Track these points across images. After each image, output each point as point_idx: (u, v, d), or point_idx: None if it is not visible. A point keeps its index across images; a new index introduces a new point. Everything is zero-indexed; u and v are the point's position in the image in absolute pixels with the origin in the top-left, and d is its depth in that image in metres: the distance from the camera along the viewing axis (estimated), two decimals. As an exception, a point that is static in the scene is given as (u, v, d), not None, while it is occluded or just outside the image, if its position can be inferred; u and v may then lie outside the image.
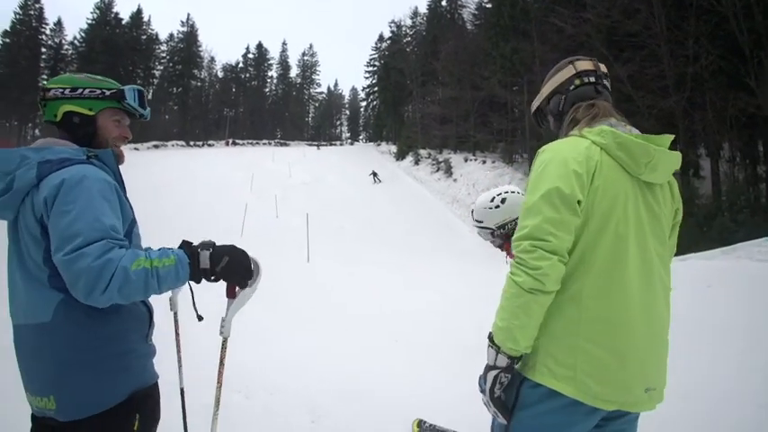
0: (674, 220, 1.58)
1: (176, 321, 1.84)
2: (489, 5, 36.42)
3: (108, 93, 1.58)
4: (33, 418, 1.47)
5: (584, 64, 1.62)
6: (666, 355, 1.49)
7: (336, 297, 7.99)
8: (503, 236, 2.52)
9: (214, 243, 1.50)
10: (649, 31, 19.61)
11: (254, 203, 22.00)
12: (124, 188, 1.58)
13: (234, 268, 1.50)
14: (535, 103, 1.76)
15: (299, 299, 7.73)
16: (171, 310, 1.81)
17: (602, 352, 1.36)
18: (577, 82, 1.60)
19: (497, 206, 2.53)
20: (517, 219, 2.53)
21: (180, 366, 1.86)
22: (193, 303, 1.66)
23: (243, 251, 1.54)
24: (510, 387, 1.42)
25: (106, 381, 1.40)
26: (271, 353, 4.76)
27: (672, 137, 1.51)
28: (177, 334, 1.86)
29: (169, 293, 1.66)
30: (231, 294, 1.60)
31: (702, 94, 19.26)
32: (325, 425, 3.18)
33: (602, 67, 1.63)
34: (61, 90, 1.54)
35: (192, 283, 1.50)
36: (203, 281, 1.49)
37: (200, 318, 1.66)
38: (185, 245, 1.47)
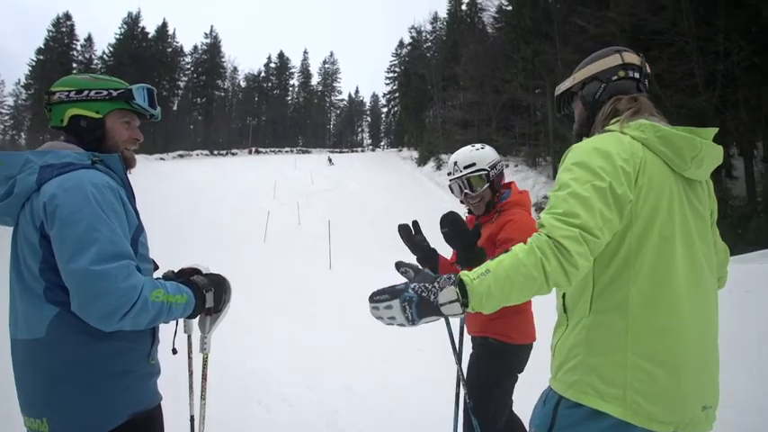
0: (710, 219, 1.47)
1: (190, 344, 1.75)
2: (510, 8, 36.09)
3: (115, 93, 1.49)
4: None
5: (632, 57, 1.50)
6: (719, 369, 1.35)
7: (359, 305, 7.88)
8: (495, 178, 2.41)
9: (205, 276, 1.59)
10: (677, 28, 19.08)
11: (277, 210, 22.17)
12: (132, 194, 1.50)
13: (228, 298, 1.65)
14: (565, 84, 1.59)
15: (321, 307, 7.67)
16: (185, 332, 1.73)
17: (655, 367, 1.21)
18: (621, 73, 1.48)
19: (483, 148, 2.47)
20: (501, 162, 2.44)
21: (191, 392, 1.76)
22: (174, 337, 1.61)
23: (222, 278, 1.65)
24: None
25: (102, 403, 1.31)
26: (291, 362, 4.69)
27: (716, 130, 1.39)
28: (190, 358, 1.76)
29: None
30: (209, 312, 1.64)
31: (735, 91, 18.61)
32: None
33: (648, 68, 1.51)
34: (66, 93, 1.47)
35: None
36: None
37: (174, 351, 1.60)
38: (192, 284, 1.52)
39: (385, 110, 74.74)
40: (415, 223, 2.41)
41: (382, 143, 74.68)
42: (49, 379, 1.30)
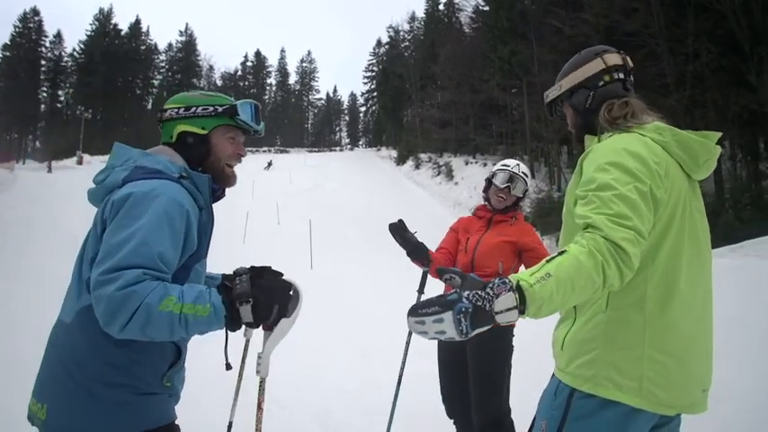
0: None
1: (246, 349, 1.66)
2: (486, 8, 36.46)
3: (221, 109, 1.50)
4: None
5: (614, 58, 1.52)
6: (713, 354, 1.42)
7: (342, 305, 7.92)
8: (523, 195, 2.80)
9: (252, 282, 1.29)
10: (648, 30, 19.59)
11: (256, 211, 21.95)
12: (212, 218, 1.49)
13: (282, 312, 1.35)
14: (552, 94, 1.62)
15: (304, 307, 7.62)
16: (244, 336, 1.62)
17: (667, 358, 1.29)
18: (606, 78, 1.50)
19: None
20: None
21: (236, 398, 1.68)
22: (225, 350, 1.50)
23: (283, 285, 1.38)
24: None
25: (98, 409, 1.26)
26: (278, 363, 4.65)
27: (720, 134, 1.45)
28: (243, 362, 1.69)
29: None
30: (268, 327, 1.38)
31: (703, 91, 19.23)
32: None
33: (630, 61, 1.54)
34: (176, 110, 1.49)
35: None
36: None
37: (228, 366, 1.52)
38: (225, 292, 1.26)
39: (363, 109, 74.82)
40: (401, 222, 2.71)
41: (360, 142, 74.67)
42: (59, 365, 1.30)
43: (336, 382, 4.13)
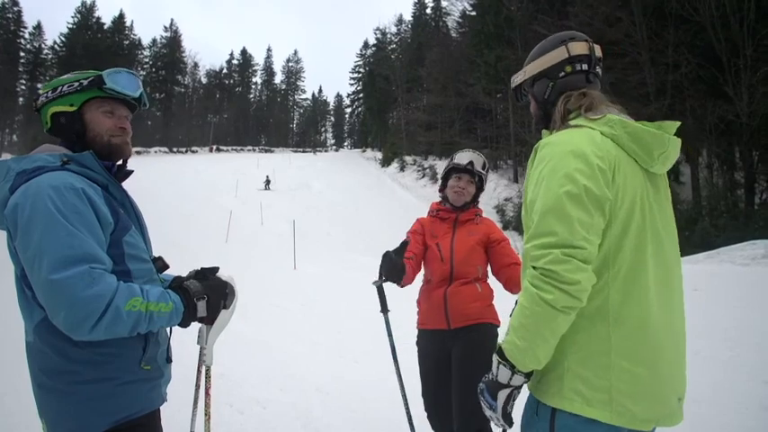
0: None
1: (201, 357, 1.61)
2: (473, 13, 36.79)
3: (86, 82, 1.41)
4: None
5: (579, 47, 1.41)
6: (686, 360, 1.35)
7: (325, 304, 7.89)
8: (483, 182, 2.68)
9: (200, 282, 1.47)
10: (631, 39, 20.02)
11: (240, 210, 21.80)
12: (119, 189, 1.45)
13: (224, 306, 1.53)
14: (518, 79, 1.54)
15: (287, 307, 7.60)
16: (197, 344, 1.60)
17: (637, 367, 1.20)
18: (568, 69, 1.40)
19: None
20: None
21: (195, 407, 1.66)
22: (168, 345, 1.53)
23: (223, 283, 1.54)
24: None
25: (84, 410, 1.28)
26: (260, 364, 4.64)
27: (678, 123, 1.34)
28: (199, 372, 1.65)
29: (198, 324, 1.53)
30: (210, 321, 1.52)
31: (682, 101, 19.68)
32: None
33: (598, 50, 1.43)
34: (45, 94, 1.43)
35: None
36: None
37: (168, 359, 1.52)
38: (182, 291, 1.42)
39: (349, 110, 74.78)
40: (405, 243, 2.42)
41: (346, 143, 74.61)
42: (37, 383, 1.31)
43: (319, 382, 4.12)
